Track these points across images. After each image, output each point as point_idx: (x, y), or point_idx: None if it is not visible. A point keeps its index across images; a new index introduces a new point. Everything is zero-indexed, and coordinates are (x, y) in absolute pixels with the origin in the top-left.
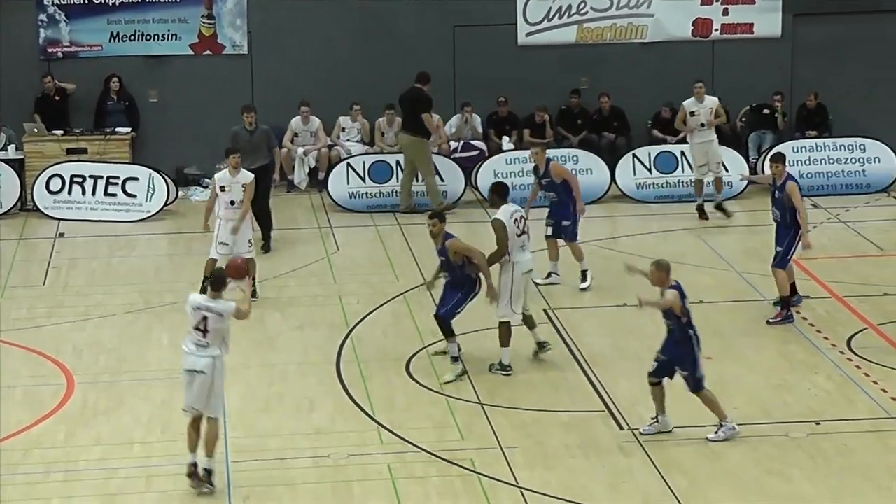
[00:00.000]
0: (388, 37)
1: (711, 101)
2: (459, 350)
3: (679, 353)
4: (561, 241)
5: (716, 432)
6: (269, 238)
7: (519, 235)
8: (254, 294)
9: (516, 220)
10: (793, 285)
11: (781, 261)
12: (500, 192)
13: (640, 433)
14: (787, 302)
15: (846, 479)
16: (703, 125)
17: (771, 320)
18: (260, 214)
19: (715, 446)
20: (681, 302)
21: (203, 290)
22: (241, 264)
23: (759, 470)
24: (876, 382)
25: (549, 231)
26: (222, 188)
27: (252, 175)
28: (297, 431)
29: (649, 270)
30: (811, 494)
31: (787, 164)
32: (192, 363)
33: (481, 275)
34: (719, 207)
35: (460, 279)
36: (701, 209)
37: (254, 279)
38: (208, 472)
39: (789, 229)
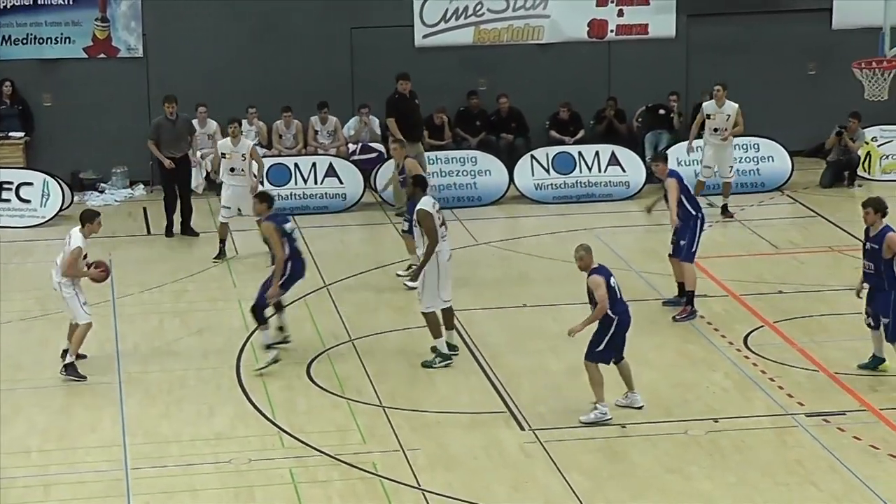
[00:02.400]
0: (284, 39)
1: (731, 108)
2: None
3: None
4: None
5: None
6: (188, 222)
7: (440, 226)
8: (221, 255)
9: (437, 210)
10: (680, 285)
11: (686, 254)
12: (421, 185)
13: (614, 404)
14: (692, 297)
15: (744, 475)
16: (715, 130)
17: (677, 317)
18: (182, 202)
19: (616, 445)
20: (605, 289)
21: (219, 255)
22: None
23: (659, 468)
24: (773, 379)
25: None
26: (223, 155)
27: (250, 143)
28: (198, 437)
29: (577, 256)
30: (710, 491)
31: (667, 163)
32: None
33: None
34: (725, 210)
35: None
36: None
37: (223, 242)
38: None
39: (686, 222)
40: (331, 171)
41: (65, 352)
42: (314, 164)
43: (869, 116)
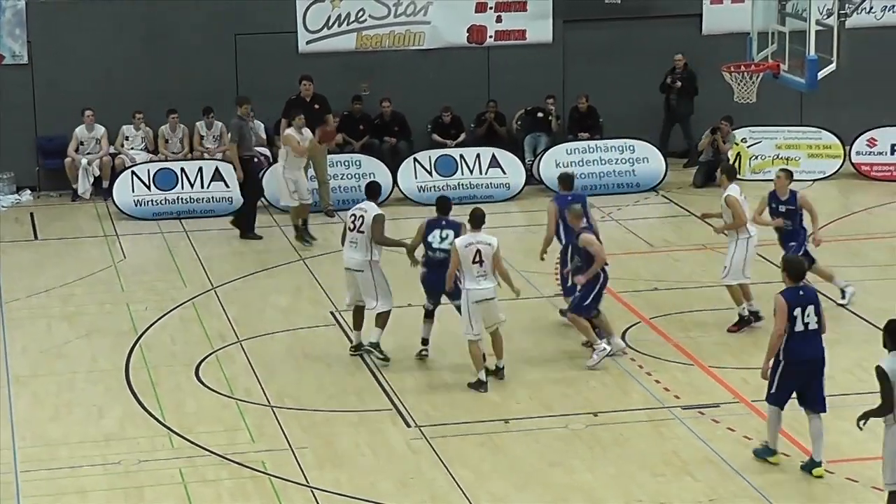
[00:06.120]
0: (171, 45)
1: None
2: None
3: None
4: None
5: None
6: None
7: (348, 230)
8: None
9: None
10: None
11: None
12: (374, 191)
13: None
14: None
15: (623, 467)
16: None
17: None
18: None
19: (499, 439)
20: (598, 244)
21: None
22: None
23: (542, 462)
24: (650, 374)
25: None
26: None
27: (311, 133)
28: (87, 439)
29: (570, 215)
30: (591, 483)
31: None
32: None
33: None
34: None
35: None
36: None
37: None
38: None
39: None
40: (217, 175)
41: None
42: (200, 169)
43: (739, 118)
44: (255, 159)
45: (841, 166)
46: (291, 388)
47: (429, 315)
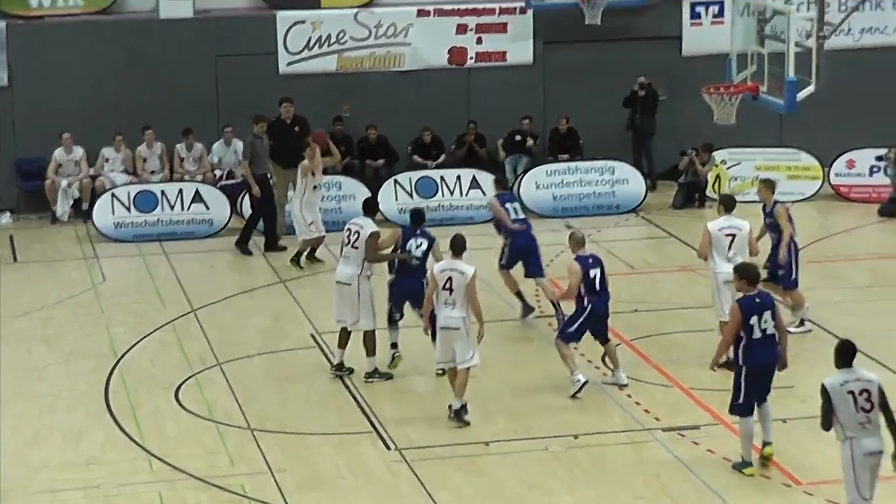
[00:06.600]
0: (151, 67)
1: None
2: None
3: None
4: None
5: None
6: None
7: (345, 245)
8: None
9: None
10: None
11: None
12: (370, 207)
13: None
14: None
15: (603, 489)
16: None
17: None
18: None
19: (479, 462)
20: (579, 277)
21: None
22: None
23: (521, 485)
24: (630, 396)
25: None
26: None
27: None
28: (67, 463)
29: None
30: None
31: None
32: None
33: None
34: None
35: None
36: None
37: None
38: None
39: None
40: (197, 197)
41: None
42: (181, 191)
43: (718, 140)
44: (270, 177)
45: (820, 188)
46: (271, 410)
47: (394, 322)
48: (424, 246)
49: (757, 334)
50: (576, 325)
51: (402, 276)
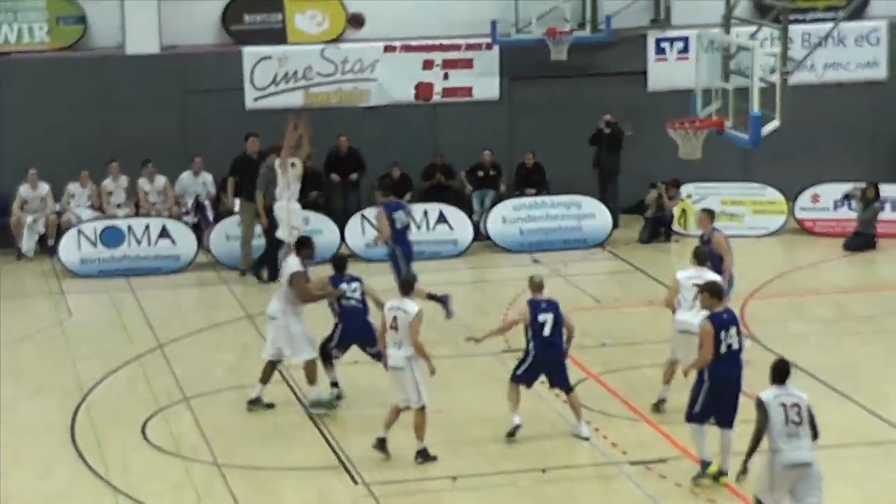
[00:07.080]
0: (116, 102)
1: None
2: None
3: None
4: None
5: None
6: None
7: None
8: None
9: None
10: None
11: None
12: (307, 246)
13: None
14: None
15: None
16: None
17: None
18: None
19: (446, 497)
20: (525, 319)
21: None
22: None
23: None
24: (597, 429)
25: None
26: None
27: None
28: (34, 498)
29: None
30: None
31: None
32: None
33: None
34: None
35: None
36: None
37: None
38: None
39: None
40: (164, 233)
41: None
42: (147, 226)
43: (684, 174)
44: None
45: (785, 222)
46: (238, 445)
47: (329, 360)
48: (359, 286)
49: (723, 349)
50: (523, 369)
51: (348, 318)
